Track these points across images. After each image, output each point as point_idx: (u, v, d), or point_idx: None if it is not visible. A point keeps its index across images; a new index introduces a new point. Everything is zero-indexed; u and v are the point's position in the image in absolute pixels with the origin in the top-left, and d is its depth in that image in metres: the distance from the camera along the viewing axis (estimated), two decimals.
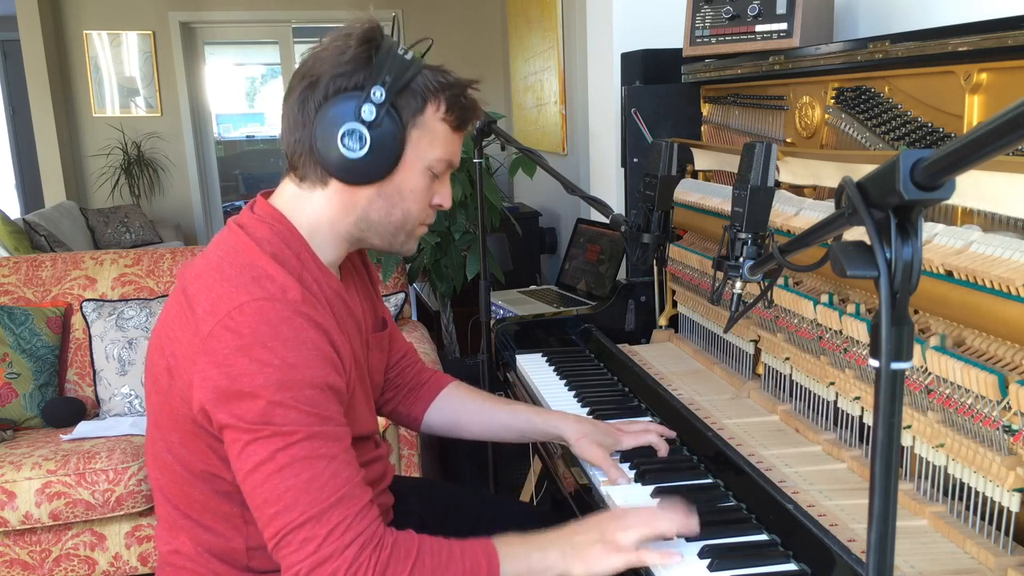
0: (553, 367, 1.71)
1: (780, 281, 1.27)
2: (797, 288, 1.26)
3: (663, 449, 1.28)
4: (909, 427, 1.01)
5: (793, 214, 1.26)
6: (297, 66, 1.07)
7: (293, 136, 1.05)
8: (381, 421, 2.34)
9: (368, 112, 1.00)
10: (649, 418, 1.41)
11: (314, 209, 1.07)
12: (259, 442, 0.93)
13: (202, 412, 0.97)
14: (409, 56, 1.04)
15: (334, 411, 0.98)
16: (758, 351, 1.41)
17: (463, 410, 1.40)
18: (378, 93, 1.00)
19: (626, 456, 1.26)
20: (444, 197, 1.13)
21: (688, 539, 1.01)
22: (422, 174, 1.08)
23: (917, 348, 0.96)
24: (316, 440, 0.95)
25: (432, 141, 1.06)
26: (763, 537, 1.02)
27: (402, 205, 1.08)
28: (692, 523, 1.00)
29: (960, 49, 1.01)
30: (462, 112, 1.08)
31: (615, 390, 1.57)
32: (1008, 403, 0.85)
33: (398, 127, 1.03)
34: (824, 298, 1.18)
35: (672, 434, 1.32)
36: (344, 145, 1.01)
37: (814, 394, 1.25)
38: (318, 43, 1.05)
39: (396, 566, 0.94)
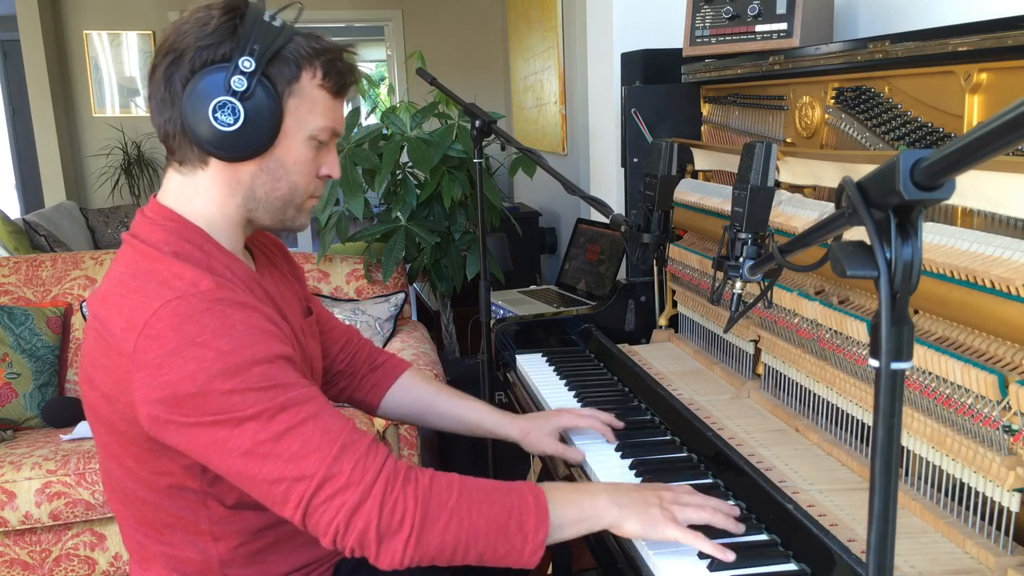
0: (553, 367, 1.71)
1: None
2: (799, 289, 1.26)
3: (609, 436, 1.31)
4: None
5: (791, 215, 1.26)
6: (157, 42, 1.02)
7: (163, 116, 1.01)
8: (380, 422, 2.35)
9: (238, 83, 0.96)
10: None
11: (202, 196, 1.04)
12: (235, 432, 0.91)
13: (156, 424, 0.93)
14: (278, 23, 1.00)
15: (293, 377, 0.95)
16: (758, 351, 1.41)
17: (419, 400, 1.39)
18: (247, 63, 0.96)
19: (625, 456, 1.27)
20: (332, 167, 1.09)
21: None
22: (305, 144, 1.04)
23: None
24: (289, 409, 0.92)
25: (312, 108, 1.03)
26: (763, 537, 1.02)
27: (287, 178, 1.05)
28: (740, 527, 1.01)
29: (960, 49, 1.01)
30: (340, 77, 1.05)
31: (615, 390, 1.57)
32: (1008, 403, 0.85)
33: (273, 97, 0.99)
34: (830, 300, 1.18)
35: (620, 424, 1.34)
36: (216, 120, 0.97)
37: (814, 394, 1.25)
38: (179, 17, 1.02)
39: (440, 495, 0.94)
